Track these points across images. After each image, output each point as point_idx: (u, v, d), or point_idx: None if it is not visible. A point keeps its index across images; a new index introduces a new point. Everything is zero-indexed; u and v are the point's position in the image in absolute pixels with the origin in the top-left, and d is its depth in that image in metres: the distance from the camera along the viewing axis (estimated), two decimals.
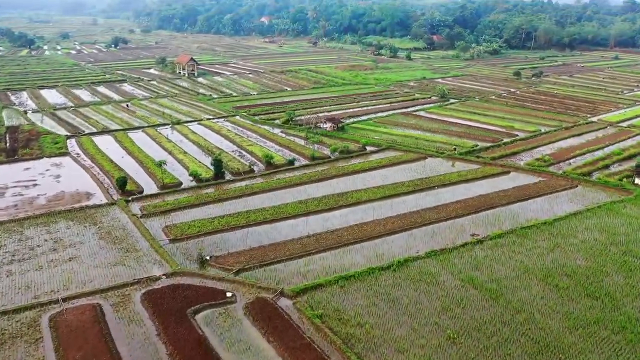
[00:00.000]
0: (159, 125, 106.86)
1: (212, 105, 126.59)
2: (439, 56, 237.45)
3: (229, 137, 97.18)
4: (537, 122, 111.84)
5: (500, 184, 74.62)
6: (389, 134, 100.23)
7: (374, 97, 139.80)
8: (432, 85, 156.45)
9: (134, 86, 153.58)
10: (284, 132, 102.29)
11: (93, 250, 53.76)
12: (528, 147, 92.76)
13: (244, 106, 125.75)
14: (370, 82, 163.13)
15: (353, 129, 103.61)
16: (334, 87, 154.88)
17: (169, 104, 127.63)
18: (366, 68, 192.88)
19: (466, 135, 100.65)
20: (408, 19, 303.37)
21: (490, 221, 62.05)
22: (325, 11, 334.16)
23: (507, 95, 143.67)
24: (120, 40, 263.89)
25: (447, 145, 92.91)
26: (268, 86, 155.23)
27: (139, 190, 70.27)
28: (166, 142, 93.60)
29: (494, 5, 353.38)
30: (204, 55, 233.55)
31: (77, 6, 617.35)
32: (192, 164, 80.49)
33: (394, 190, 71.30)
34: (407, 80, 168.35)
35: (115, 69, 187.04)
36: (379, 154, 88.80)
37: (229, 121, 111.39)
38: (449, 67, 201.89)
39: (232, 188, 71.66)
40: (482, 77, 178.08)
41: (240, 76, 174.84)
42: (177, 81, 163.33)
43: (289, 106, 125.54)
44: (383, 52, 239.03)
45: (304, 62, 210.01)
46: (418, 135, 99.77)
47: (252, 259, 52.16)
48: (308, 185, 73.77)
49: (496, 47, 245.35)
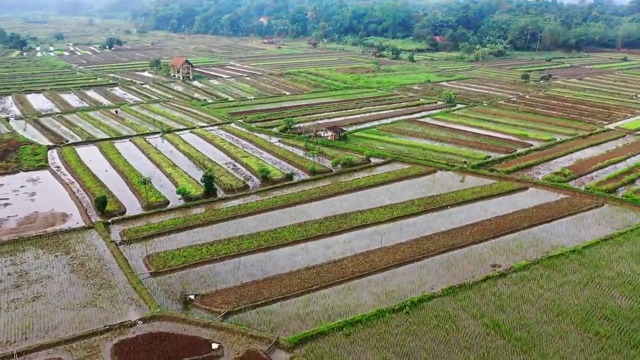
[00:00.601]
0: (149, 134, 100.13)
1: (206, 111, 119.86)
2: (443, 58, 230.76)
3: (223, 148, 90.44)
4: (551, 130, 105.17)
5: (518, 203, 67.90)
6: (394, 144, 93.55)
7: (376, 102, 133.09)
8: (438, 89, 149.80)
9: (125, 90, 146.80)
10: (282, 142, 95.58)
11: (62, 286, 47.03)
12: (545, 159, 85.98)
13: (240, 112, 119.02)
14: (373, 86, 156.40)
15: (356, 138, 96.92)
16: (334, 91, 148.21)
17: (160, 110, 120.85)
18: (368, 70, 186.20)
19: (477, 145, 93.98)
20: (410, 19, 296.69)
21: (512, 248, 55.34)
22: (325, 11, 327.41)
23: (516, 100, 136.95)
24: (115, 41, 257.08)
25: (457, 156, 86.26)
26: (266, 90, 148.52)
27: (120, 210, 63.56)
28: (155, 153, 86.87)
29: (497, 5, 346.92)
30: (200, 57, 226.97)
31: (74, 6, 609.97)
32: (182, 179, 73.77)
33: (402, 210, 64.58)
34: (410, 83, 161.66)
35: (107, 72, 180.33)
36: (385, 167, 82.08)
37: (224, 129, 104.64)
38: (453, 70, 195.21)
39: (223, 208, 64.89)
40: (488, 80, 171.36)
41: (237, 79, 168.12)
42: (171, 85, 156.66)
43: (288, 112, 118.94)
44: (385, 53, 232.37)
45: (304, 64, 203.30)
46: (425, 145, 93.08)
47: (243, 297, 45.45)
48: (308, 204, 67.06)
49: (501, 48, 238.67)
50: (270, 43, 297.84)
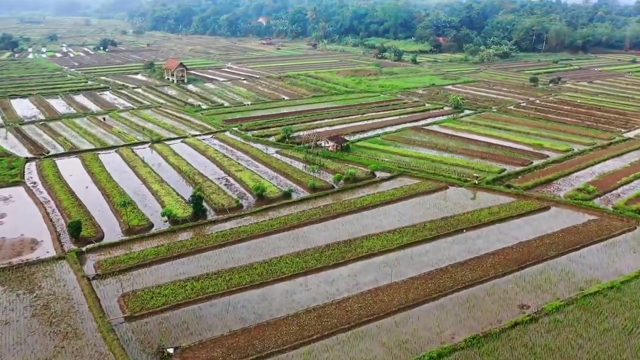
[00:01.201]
0: (137, 143, 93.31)
1: (200, 118, 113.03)
2: (447, 60, 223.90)
3: (216, 160, 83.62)
4: (567, 139, 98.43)
5: (541, 225, 61.13)
6: (401, 155, 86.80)
7: (380, 107, 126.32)
8: (443, 94, 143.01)
9: (116, 95, 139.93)
10: (280, 153, 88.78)
11: (20, 336, 40.24)
12: (564, 173, 79.19)
13: (235, 119, 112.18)
14: (375, 90, 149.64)
15: (359, 149, 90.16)
16: (335, 95, 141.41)
17: (151, 116, 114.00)
18: (370, 73, 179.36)
19: (489, 156, 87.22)
20: (412, 20, 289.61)
21: (540, 283, 48.55)
22: (325, 11, 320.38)
23: (527, 106, 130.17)
24: (109, 42, 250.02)
25: (469, 169, 79.51)
26: (263, 94, 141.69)
27: (97, 236, 56.75)
28: (142, 166, 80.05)
29: (500, 5, 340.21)
30: (197, 59, 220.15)
31: (72, 6, 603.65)
32: (168, 198, 66.98)
33: (413, 235, 57.79)
34: (414, 87, 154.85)
35: (100, 74, 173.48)
36: (391, 182, 75.27)
37: (218, 138, 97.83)
38: (458, 72, 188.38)
39: (213, 233, 58.05)
40: (495, 83, 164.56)
41: (234, 82, 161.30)
42: (164, 88, 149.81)
43: (286, 119, 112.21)
44: (387, 55, 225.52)
45: (303, 67, 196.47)
46: (434, 156, 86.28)
47: (231, 351, 38.66)
48: (307, 227, 60.30)
49: (506, 50, 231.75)
50: (269, 44, 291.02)
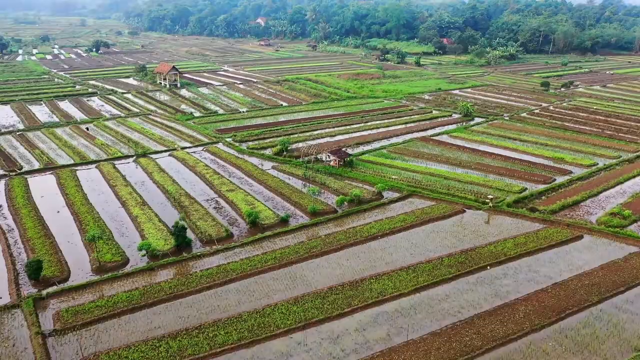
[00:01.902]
0: (120, 157, 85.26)
1: (191, 128, 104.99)
2: (451, 62, 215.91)
3: (205, 177, 75.56)
4: (589, 152, 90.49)
5: (576, 260, 53.14)
6: (409, 171, 78.81)
7: (384, 115, 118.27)
8: (451, 99, 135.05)
9: (104, 101, 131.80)
10: (277, 169, 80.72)
11: None
12: (593, 192, 71.16)
13: (229, 129, 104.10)
14: (379, 95, 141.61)
15: (363, 164, 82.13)
16: (336, 101, 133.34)
17: (139, 126, 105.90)
18: (372, 77, 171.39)
19: (507, 171, 79.25)
20: (414, 20, 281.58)
21: (587, 341, 40.54)
22: (325, 12, 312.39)
23: (540, 113, 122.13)
24: (102, 44, 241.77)
25: (486, 188, 71.65)
26: (260, 100, 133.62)
27: (61, 277, 48.69)
28: (122, 185, 71.99)
29: (504, 5, 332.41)
30: (192, 61, 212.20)
31: (67, 6, 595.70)
32: (149, 226, 58.93)
33: (429, 274, 49.75)
34: (420, 92, 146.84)
35: (89, 78, 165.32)
36: (401, 205, 67.24)
37: (209, 151, 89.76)
38: (464, 75, 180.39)
39: (197, 273, 49.91)
40: (504, 87, 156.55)
41: (230, 87, 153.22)
42: (156, 94, 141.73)
43: (284, 128, 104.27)
44: (389, 57, 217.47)
45: (303, 70, 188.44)
46: (446, 172, 78.28)
47: None
48: (307, 263, 52.29)
49: (513, 51, 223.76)
50: (268, 45, 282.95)
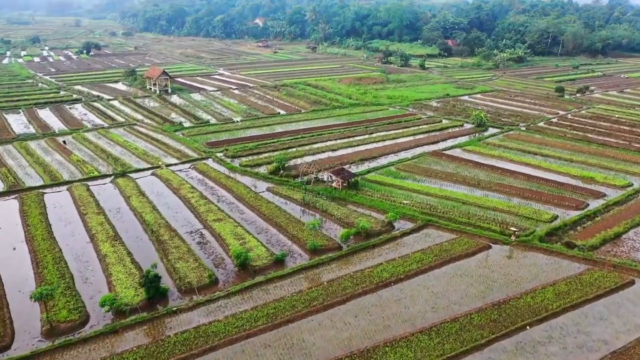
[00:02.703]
0: (97, 177, 75.86)
1: (179, 140, 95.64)
2: (457, 65, 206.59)
3: (190, 203, 66.23)
4: (619, 169, 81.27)
5: (631, 315, 43.86)
6: (422, 193, 69.59)
7: (390, 124, 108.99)
8: (461, 107, 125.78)
9: (87, 109, 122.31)
10: (272, 191, 71.37)
11: None
12: (635, 222, 61.89)
13: (221, 141, 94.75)
14: (383, 102, 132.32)
15: (370, 185, 72.84)
16: (338, 109, 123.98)
17: (122, 138, 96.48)
18: (375, 81, 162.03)
19: (532, 194, 70.01)
20: (417, 21, 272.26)
21: None
22: (325, 12, 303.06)
23: (559, 122, 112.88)
24: (92, 45, 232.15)
25: (511, 215, 62.59)
26: (256, 108, 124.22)
27: (2, 344, 39.41)
28: (94, 212, 62.66)
29: (509, 5, 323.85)
30: (186, 64, 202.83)
31: (63, 6, 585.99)
32: (118, 269, 49.60)
33: (457, 338, 40.40)
34: (427, 98, 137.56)
35: (75, 83, 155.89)
36: (416, 238, 57.96)
37: (197, 169, 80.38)
38: (472, 80, 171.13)
39: (172, 338, 40.39)
40: (516, 93, 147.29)
41: (224, 93, 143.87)
42: (145, 100, 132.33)
43: (281, 140, 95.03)
44: (392, 59, 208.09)
45: (302, 73, 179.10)
46: (463, 195, 69.02)
47: None
48: (306, 321, 42.98)
49: (521, 54, 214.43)
50: (266, 47, 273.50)
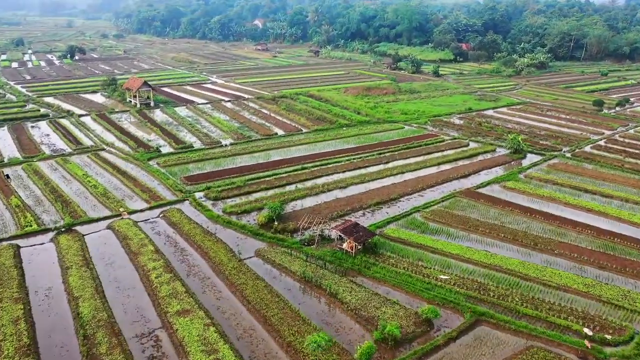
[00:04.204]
0: (34, 233, 58.06)
1: (152, 173, 77.74)
2: (474, 71, 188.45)
3: (149, 279, 48.29)
4: None
5: None
6: (463, 260, 51.94)
7: (408, 149, 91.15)
8: (488, 124, 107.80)
9: (52, 128, 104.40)
10: (262, 256, 53.50)
11: None
12: None
13: (203, 175, 76.86)
14: (397, 118, 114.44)
15: (391, 246, 55.04)
16: (345, 129, 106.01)
17: (82, 170, 78.53)
18: (386, 91, 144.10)
19: (611, 261, 52.21)
20: (427, 22, 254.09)
21: None
22: (328, 13, 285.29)
23: (608, 146, 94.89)
24: (77, 49, 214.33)
25: (591, 299, 44.78)
26: (250, 127, 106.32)
27: None
28: (11, 299, 44.85)
29: (523, 5, 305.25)
30: (176, 70, 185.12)
31: (57, 7, 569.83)
32: None
33: None
34: (447, 113, 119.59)
35: (48, 94, 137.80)
36: (465, 347, 40.06)
37: (168, 219, 62.48)
38: (493, 89, 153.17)
39: None
40: (547, 107, 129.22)
41: (215, 106, 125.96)
42: (121, 117, 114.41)
43: (277, 174, 77.25)
44: (403, 65, 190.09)
45: (303, 81, 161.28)
46: (519, 264, 51.23)
47: None
48: None
49: (543, 59, 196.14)
50: (265, 50, 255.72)
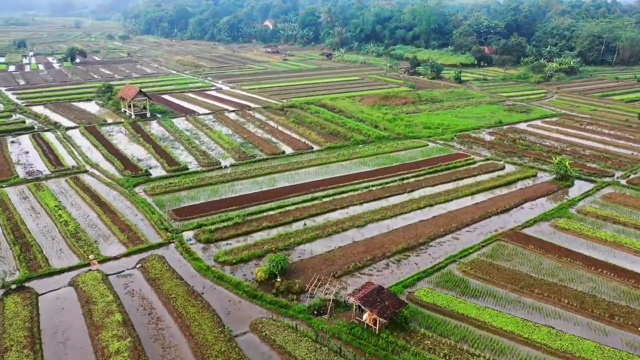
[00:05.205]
0: None
1: (137, 204, 66.20)
2: (498, 77, 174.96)
3: None
4: None
5: None
6: (521, 341, 39.75)
7: (434, 174, 78.76)
8: (523, 141, 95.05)
9: (34, 143, 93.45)
10: (259, 331, 41.59)
11: None
12: None
13: (196, 207, 65.17)
14: (419, 133, 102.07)
15: (425, 316, 42.95)
16: (361, 146, 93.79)
17: (54, 201, 67.12)
18: (405, 100, 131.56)
19: None
20: (446, 24, 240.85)
21: None
22: (341, 13, 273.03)
23: None
24: (78, 52, 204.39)
25: None
26: (255, 142, 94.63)
27: None
28: None
29: (546, 5, 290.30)
30: (180, 75, 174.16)
31: (67, 6, 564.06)
32: None
33: None
34: (474, 127, 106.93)
35: (38, 102, 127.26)
36: None
37: (146, 272, 50.74)
38: (522, 97, 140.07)
39: None
40: (586, 119, 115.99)
41: (217, 117, 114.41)
42: (113, 130, 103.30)
43: (282, 206, 65.33)
44: (421, 70, 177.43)
45: (315, 88, 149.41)
46: (595, 351, 38.88)
47: None
48: None
49: (573, 64, 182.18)
50: (275, 52, 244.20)
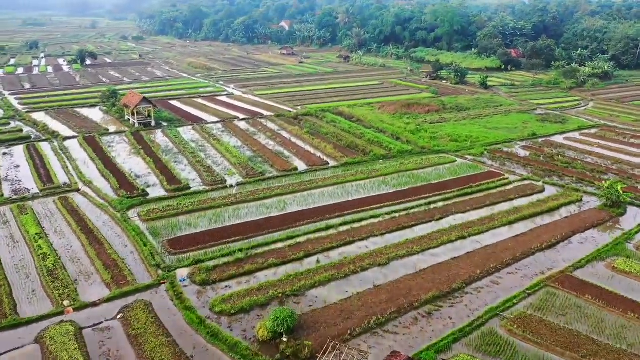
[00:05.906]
0: None
1: (128, 231, 58.13)
2: (527, 82, 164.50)
3: None
4: None
5: None
6: None
7: (464, 197, 69.54)
8: (562, 157, 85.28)
9: (26, 156, 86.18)
10: None
11: None
12: None
13: (194, 237, 56.87)
14: (445, 147, 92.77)
15: None
16: (382, 162, 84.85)
17: (35, 228, 59.38)
18: (428, 108, 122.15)
19: None
20: (470, 25, 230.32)
21: None
22: (360, 14, 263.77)
23: None
24: (87, 54, 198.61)
25: None
26: (265, 157, 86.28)
27: None
28: None
29: (574, 6, 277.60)
30: (191, 78, 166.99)
31: (85, 7, 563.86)
32: None
33: None
34: (505, 140, 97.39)
35: (40, 108, 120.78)
36: None
37: (128, 323, 42.48)
38: (555, 105, 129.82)
39: None
40: (629, 131, 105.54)
41: (226, 127, 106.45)
42: (114, 140, 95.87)
43: (292, 236, 56.73)
44: (444, 74, 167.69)
45: (331, 93, 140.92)
46: None
47: None
48: None
49: (607, 69, 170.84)
50: (290, 55, 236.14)
